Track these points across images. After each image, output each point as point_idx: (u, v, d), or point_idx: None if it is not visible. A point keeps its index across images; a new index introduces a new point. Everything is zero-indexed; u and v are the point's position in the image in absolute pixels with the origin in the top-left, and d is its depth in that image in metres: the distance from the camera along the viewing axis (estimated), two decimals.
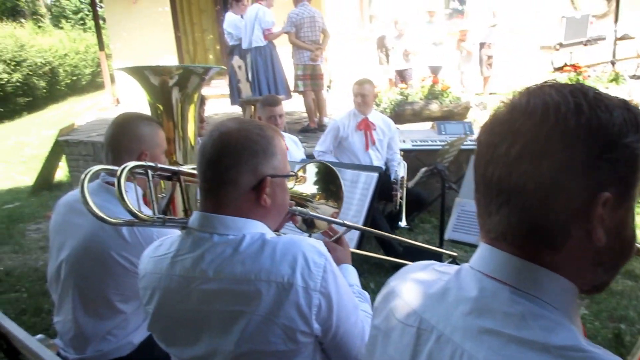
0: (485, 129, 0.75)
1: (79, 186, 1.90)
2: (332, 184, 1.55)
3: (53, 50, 18.59)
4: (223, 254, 1.13)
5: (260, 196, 1.18)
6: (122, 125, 1.88)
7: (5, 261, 4.69)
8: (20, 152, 10.51)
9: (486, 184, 0.72)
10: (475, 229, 2.03)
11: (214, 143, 1.17)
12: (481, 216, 0.76)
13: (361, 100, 4.23)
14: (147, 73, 1.97)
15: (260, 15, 6.20)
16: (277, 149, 1.21)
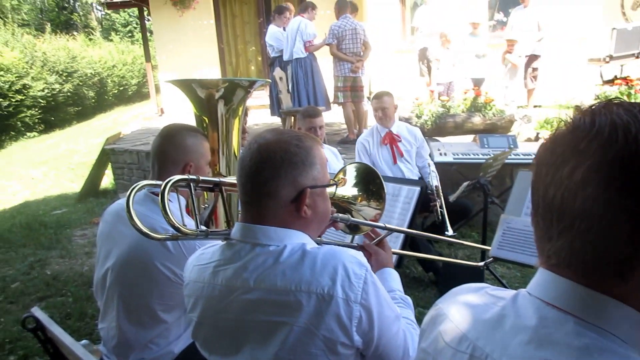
0: (546, 149, 0.71)
1: (125, 202, 1.96)
2: (373, 184, 1.52)
3: (102, 62, 19.33)
4: (264, 264, 1.14)
5: (301, 208, 1.18)
6: (168, 136, 1.91)
7: (52, 265, 4.85)
8: (69, 160, 10.90)
9: (546, 207, 0.69)
10: (521, 247, 1.97)
11: (252, 155, 1.18)
12: (540, 240, 0.72)
13: (382, 114, 4.14)
14: (194, 86, 2.00)
15: (302, 27, 6.27)
16: (316, 158, 1.20)
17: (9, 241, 5.71)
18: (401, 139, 4.20)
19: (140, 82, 21.28)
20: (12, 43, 15.71)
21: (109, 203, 6.82)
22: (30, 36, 18.09)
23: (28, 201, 8.35)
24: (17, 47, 15.35)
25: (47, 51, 16.73)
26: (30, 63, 15.12)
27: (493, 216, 4.54)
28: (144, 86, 20.56)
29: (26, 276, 4.62)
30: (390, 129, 4.20)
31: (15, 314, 3.85)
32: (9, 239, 5.77)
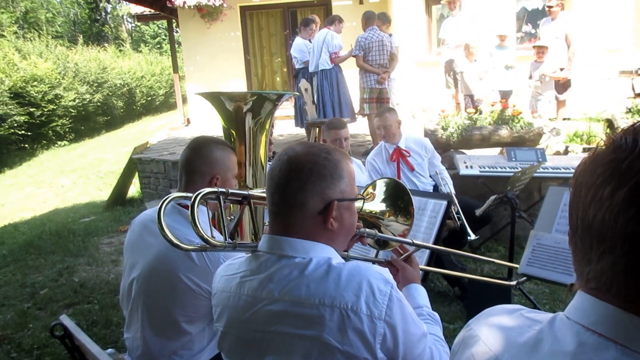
0: (585, 168, 0.69)
1: (152, 213, 1.98)
2: (401, 200, 1.51)
3: (131, 73, 19.77)
4: (289, 276, 1.15)
5: (328, 220, 1.19)
6: (196, 149, 1.93)
7: (80, 273, 4.93)
8: (97, 168, 11.13)
9: (586, 229, 0.67)
10: (551, 264, 1.92)
11: (282, 167, 1.20)
12: (579, 262, 0.70)
13: (384, 132, 4.07)
14: (222, 98, 2.02)
15: (328, 39, 6.30)
16: (344, 172, 1.22)
17: (38, 248, 5.83)
18: (410, 154, 4.14)
19: (168, 93, 21.68)
20: (46, 54, 16.20)
21: (136, 212, 6.95)
22: (63, 48, 18.61)
23: (58, 209, 8.54)
24: (51, 58, 15.82)
25: (79, 62, 17.20)
26: (62, 74, 15.56)
27: (520, 230, 4.46)
28: (171, 96, 20.94)
29: (54, 283, 4.71)
30: (398, 144, 4.14)
31: (43, 320, 3.92)
32: (39, 246, 5.90)
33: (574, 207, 0.69)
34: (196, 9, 9.55)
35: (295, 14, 10.70)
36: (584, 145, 5.73)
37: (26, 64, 14.38)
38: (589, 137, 5.85)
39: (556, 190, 2.08)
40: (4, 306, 4.31)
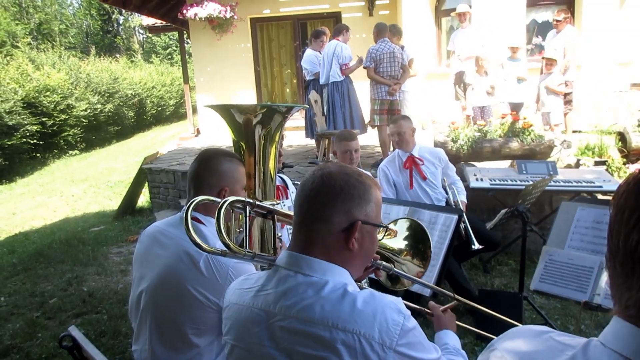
0: (629, 190, 0.67)
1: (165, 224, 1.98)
2: (422, 244, 1.54)
3: (142, 83, 19.96)
4: (304, 294, 1.16)
5: (350, 239, 1.20)
6: (205, 161, 1.94)
7: (89, 282, 4.94)
8: (107, 178, 11.21)
9: (628, 254, 0.64)
10: (564, 281, 1.89)
11: (314, 181, 1.23)
12: (617, 288, 0.67)
13: (398, 138, 4.06)
14: (232, 111, 2.02)
15: (337, 50, 6.33)
16: (372, 197, 1.25)
17: (48, 257, 5.86)
18: (424, 162, 4.12)
19: (178, 103, 21.86)
20: (58, 65, 16.42)
21: (145, 222, 6.98)
22: (75, 58, 18.87)
23: (68, 218, 8.59)
24: (63, 69, 16.03)
25: (91, 72, 17.41)
26: (74, 84, 15.75)
27: (531, 244, 4.41)
28: (181, 107, 21.11)
29: (64, 292, 4.73)
30: (412, 152, 4.14)
31: (52, 330, 3.93)
32: (49, 255, 5.93)
33: (615, 230, 0.66)
34: (207, 21, 9.64)
35: (305, 25, 10.76)
36: (595, 159, 5.68)
37: (39, 75, 14.58)
38: (600, 151, 5.80)
39: (568, 206, 2.05)
40: (14, 315, 4.32)
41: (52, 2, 30.71)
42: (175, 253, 1.83)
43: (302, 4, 10.32)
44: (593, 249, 1.81)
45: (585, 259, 1.87)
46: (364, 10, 10.14)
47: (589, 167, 5.46)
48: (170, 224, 1.98)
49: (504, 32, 7.79)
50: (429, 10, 9.01)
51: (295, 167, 6.19)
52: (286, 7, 10.37)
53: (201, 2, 9.46)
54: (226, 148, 2.24)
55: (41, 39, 26.21)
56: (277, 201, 2.57)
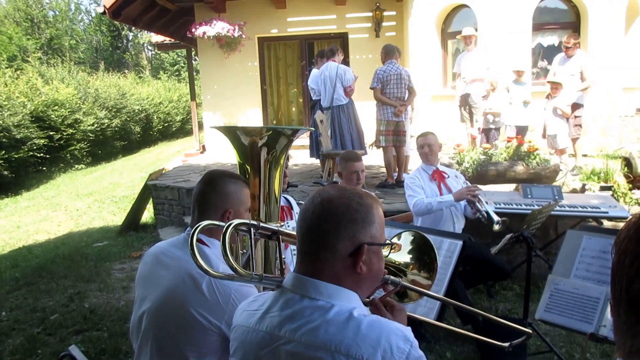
0: (629, 235, 0.65)
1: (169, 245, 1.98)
2: (427, 256, 1.52)
3: (150, 99, 20.14)
4: (309, 318, 1.15)
5: (357, 263, 1.19)
6: (209, 182, 1.94)
7: (90, 299, 4.92)
8: (112, 193, 11.23)
9: (631, 302, 0.63)
10: (570, 311, 1.87)
11: (315, 208, 1.21)
12: (622, 333, 0.66)
13: (428, 150, 4.11)
14: (238, 133, 2.04)
15: (340, 73, 6.37)
16: (375, 217, 1.23)
17: (51, 272, 5.85)
18: (449, 176, 4.16)
19: (184, 119, 22.01)
20: (68, 80, 16.61)
21: (149, 238, 6.96)
22: (84, 73, 19.08)
23: (72, 232, 8.60)
24: (72, 84, 16.21)
25: (100, 88, 17.59)
26: (83, 99, 15.91)
27: (536, 269, 4.37)
28: (187, 123, 21.25)
29: (65, 308, 4.71)
30: (437, 166, 4.17)
31: (52, 347, 3.90)
32: (51, 270, 5.92)
33: (618, 276, 0.65)
34: (215, 40, 9.75)
35: (312, 45, 10.87)
36: (601, 184, 5.66)
37: (48, 89, 14.74)
38: (606, 176, 5.78)
39: (574, 235, 2.04)
40: (14, 330, 4.30)
41: (64, 18, 31.21)
42: (178, 275, 1.82)
43: (310, 25, 10.45)
44: (599, 279, 1.80)
45: (591, 289, 1.85)
46: (370, 32, 10.24)
47: (594, 193, 5.43)
48: (174, 245, 1.97)
49: (509, 55, 7.85)
50: (435, 33, 9.09)
51: (299, 186, 6.19)
52: (294, 27, 10.49)
53: (210, 21, 9.58)
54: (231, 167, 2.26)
55: (51, 54, 26.56)
56: (282, 223, 2.57)
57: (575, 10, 8.50)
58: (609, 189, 5.52)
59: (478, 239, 4.49)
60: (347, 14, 10.27)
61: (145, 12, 10.25)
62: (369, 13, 10.10)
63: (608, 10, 8.15)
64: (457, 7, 8.88)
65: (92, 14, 33.45)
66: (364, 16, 10.19)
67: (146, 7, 10.05)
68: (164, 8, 10.28)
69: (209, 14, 9.85)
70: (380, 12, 9.97)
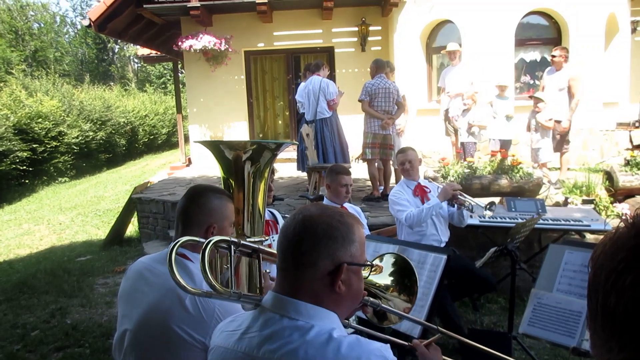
0: (605, 251, 0.66)
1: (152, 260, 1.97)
2: (408, 279, 1.52)
3: (136, 111, 20.02)
4: (289, 338, 1.13)
5: (336, 282, 1.19)
6: (193, 197, 1.93)
7: (73, 314, 4.84)
8: (96, 206, 11.10)
9: (606, 317, 0.63)
10: (553, 325, 1.89)
11: (296, 226, 1.21)
12: (598, 348, 0.66)
13: (409, 166, 4.15)
14: (222, 147, 2.04)
15: (323, 87, 6.41)
16: (355, 236, 1.23)
17: (32, 287, 5.75)
18: (431, 190, 4.18)
19: (170, 132, 21.90)
20: (52, 92, 16.46)
21: (133, 252, 6.87)
22: (69, 86, 18.92)
23: (54, 246, 8.46)
24: (57, 96, 16.07)
25: (84, 100, 17.46)
26: (67, 111, 15.76)
27: (520, 282, 4.40)
28: (173, 135, 21.16)
29: (46, 324, 4.62)
30: (419, 181, 4.20)
31: None
32: (32, 285, 5.82)
33: (593, 292, 0.66)
34: (202, 53, 9.77)
35: (298, 59, 10.93)
36: (583, 197, 5.74)
37: (32, 101, 14.59)
38: (588, 189, 5.87)
39: (557, 249, 2.06)
40: None
41: (49, 30, 31.04)
42: (161, 291, 1.80)
43: (296, 39, 10.51)
44: (581, 293, 1.81)
45: (574, 303, 1.87)
46: (356, 46, 10.34)
47: (577, 206, 5.51)
48: (157, 261, 1.96)
49: (492, 70, 7.97)
50: (420, 47, 9.21)
51: (285, 200, 6.19)
52: (280, 41, 10.55)
53: (196, 35, 9.60)
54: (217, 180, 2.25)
55: (36, 66, 26.36)
56: (266, 237, 2.56)
57: (556, 26, 8.68)
58: (591, 202, 5.60)
59: (462, 252, 4.52)
60: (333, 28, 10.36)
61: (132, 25, 10.24)
62: (354, 28, 10.20)
63: (588, 27, 8.33)
64: (442, 22, 9.02)
65: (78, 27, 33.36)
66: (350, 31, 10.29)
67: (132, 21, 10.04)
68: (150, 21, 10.28)
69: (195, 28, 9.87)
70: (366, 27, 10.08)
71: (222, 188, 2.13)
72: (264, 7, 9.34)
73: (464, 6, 8.50)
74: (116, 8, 9.10)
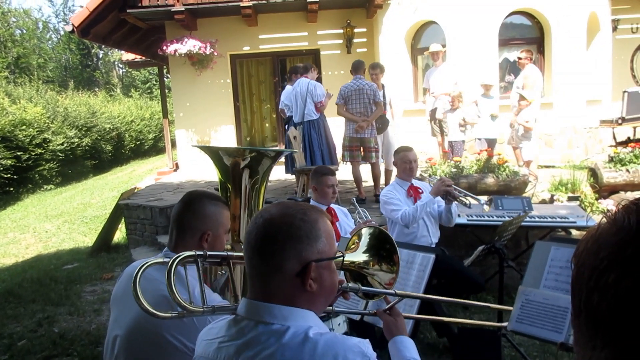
0: (588, 250, 0.66)
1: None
2: (383, 249, 1.48)
3: (121, 117, 19.86)
4: (266, 343, 1.13)
5: (306, 282, 1.17)
6: (188, 203, 1.90)
7: (60, 323, 4.79)
8: (83, 213, 10.99)
9: (590, 314, 0.63)
10: (541, 321, 1.91)
11: (257, 231, 1.19)
12: (582, 346, 0.66)
13: (415, 165, 4.20)
14: (221, 153, 2.02)
15: (311, 89, 6.41)
16: (320, 231, 1.20)
17: (18, 296, 5.68)
18: (423, 191, 4.20)
19: (157, 137, 21.76)
20: (36, 99, 16.27)
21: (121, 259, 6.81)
22: (53, 92, 18.73)
23: (40, 255, 8.37)
24: (41, 103, 15.88)
25: (69, 106, 17.28)
26: (51, 118, 15.59)
27: (509, 279, 4.44)
28: (160, 140, 21.02)
29: (33, 334, 4.57)
30: (412, 182, 4.21)
31: None
32: (19, 294, 5.74)
33: (577, 289, 0.66)
34: (187, 57, 9.73)
35: (284, 61, 10.93)
36: (569, 194, 5.80)
37: (15, 108, 14.40)
38: (573, 186, 5.93)
39: (543, 246, 2.09)
40: None
41: (31, 36, 30.70)
42: (153, 297, 1.79)
43: (282, 42, 10.51)
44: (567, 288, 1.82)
45: (560, 299, 1.89)
46: (342, 48, 10.36)
47: (562, 203, 5.57)
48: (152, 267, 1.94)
49: (477, 70, 8.03)
50: (405, 49, 9.26)
51: (274, 202, 6.17)
52: (266, 44, 10.54)
53: (181, 39, 9.56)
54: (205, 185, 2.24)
55: (19, 73, 26.06)
56: None
57: (539, 26, 8.78)
58: (577, 199, 5.66)
59: (451, 252, 4.55)
60: (318, 30, 10.37)
61: (115, 30, 10.16)
62: (339, 30, 10.23)
63: (570, 26, 8.44)
64: (426, 23, 9.08)
65: (61, 33, 33.05)
66: (335, 33, 10.31)
67: (116, 26, 9.97)
68: (134, 26, 10.22)
69: (180, 32, 9.83)
70: (351, 29, 10.11)
71: (219, 194, 2.12)
72: (248, 11, 9.32)
73: (448, 7, 8.57)
74: (99, 13, 9.03)
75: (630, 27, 10.23)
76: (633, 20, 10.22)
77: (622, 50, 10.04)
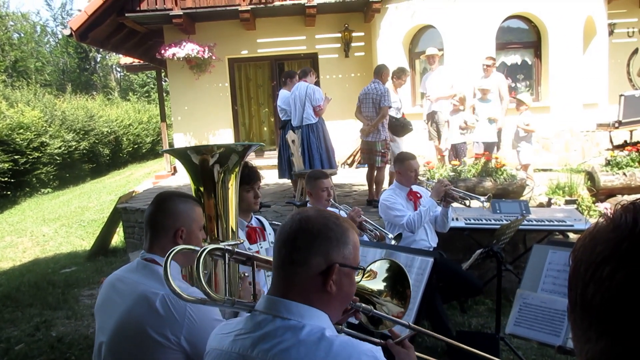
0: (585, 246, 0.68)
1: (124, 271, 1.97)
2: (400, 284, 1.55)
3: (119, 121, 19.83)
4: (282, 337, 1.16)
5: (327, 282, 1.22)
6: (158, 203, 1.93)
7: (58, 327, 4.78)
8: (80, 217, 10.97)
9: (585, 307, 0.65)
10: (539, 325, 1.91)
11: (292, 224, 1.25)
12: (578, 339, 0.68)
13: (415, 175, 4.22)
14: (189, 153, 2.04)
15: (309, 92, 6.43)
16: (349, 240, 1.26)
17: (16, 300, 5.67)
18: (422, 195, 4.22)
19: (155, 141, 21.73)
20: (33, 102, 16.23)
21: (119, 263, 6.80)
22: (51, 96, 18.70)
23: (38, 259, 8.35)
24: (38, 107, 15.85)
25: (67, 110, 17.25)
26: (49, 121, 15.56)
27: (507, 283, 4.45)
28: (158, 144, 21.00)
29: (31, 338, 4.55)
30: (412, 187, 4.23)
31: None
32: (16, 298, 5.73)
33: (573, 283, 0.68)
34: (185, 61, 9.74)
35: (282, 65, 10.95)
36: (566, 198, 5.82)
37: (13, 112, 14.37)
38: (570, 190, 5.95)
39: (540, 249, 2.09)
40: None
41: (29, 40, 30.68)
42: (131, 298, 1.80)
43: (280, 46, 10.54)
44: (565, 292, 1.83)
45: (558, 302, 1.90)
46: (340, 52, 10.39)
47: (560, 206, 5.59)
48: (129, 270, 1.95)
49: (474, 73, 8.06)
50: (403, 52, 9.29)
51: (272, 206, 6.18)
52: (264, 48, 10.56)
53: (179, 43, 9.57)
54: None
55: (16, 77, 26.03)
56: (242, 241, 2.58)
57: (536, 30, 8.82)
58: (574, 202, 5.68)
59: (449, 255, 4.56)
60: (316, 34, 10.40)
61: (113, 34, 10.17)
62: (338, 34, 10.25)
63: (567, 30, 8.48)
64: (424, 27, 9.11)
65: (59, 36, 33.04)
66: (333, 37, 10.34)
67: (114, 29, 9.98)
68: (132, 30, 10.23)
69: (178, 36, 9.85)
70: (349, 33, 10.14)
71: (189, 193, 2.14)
72: (247, 15, 9.35)
73: (445, 11, 8.60)
74: (98, 17, 9.04)
75: (627, 31, 10.28)
76: (629, 25, 10.27)
77: (619, 54, 10.08)
